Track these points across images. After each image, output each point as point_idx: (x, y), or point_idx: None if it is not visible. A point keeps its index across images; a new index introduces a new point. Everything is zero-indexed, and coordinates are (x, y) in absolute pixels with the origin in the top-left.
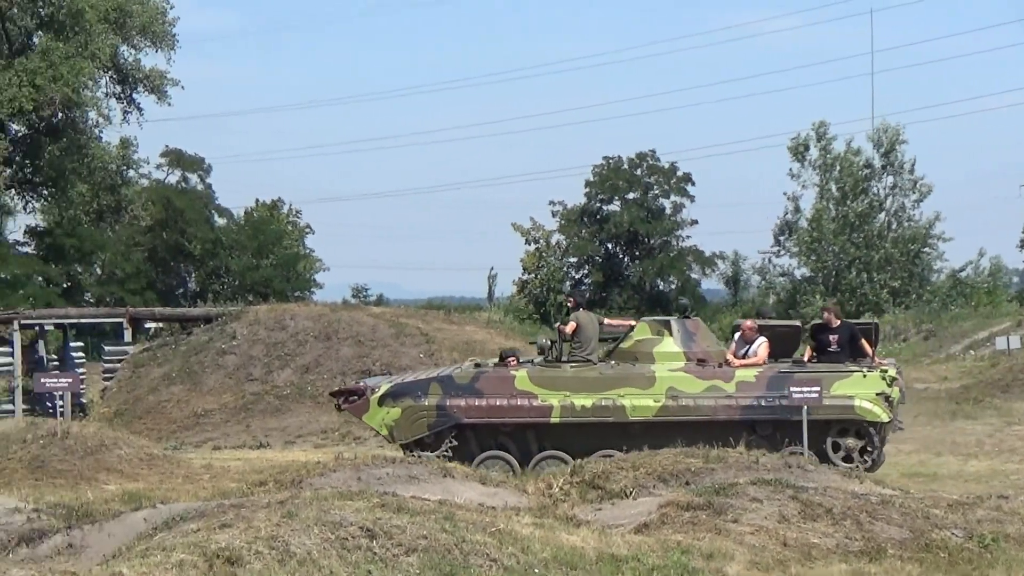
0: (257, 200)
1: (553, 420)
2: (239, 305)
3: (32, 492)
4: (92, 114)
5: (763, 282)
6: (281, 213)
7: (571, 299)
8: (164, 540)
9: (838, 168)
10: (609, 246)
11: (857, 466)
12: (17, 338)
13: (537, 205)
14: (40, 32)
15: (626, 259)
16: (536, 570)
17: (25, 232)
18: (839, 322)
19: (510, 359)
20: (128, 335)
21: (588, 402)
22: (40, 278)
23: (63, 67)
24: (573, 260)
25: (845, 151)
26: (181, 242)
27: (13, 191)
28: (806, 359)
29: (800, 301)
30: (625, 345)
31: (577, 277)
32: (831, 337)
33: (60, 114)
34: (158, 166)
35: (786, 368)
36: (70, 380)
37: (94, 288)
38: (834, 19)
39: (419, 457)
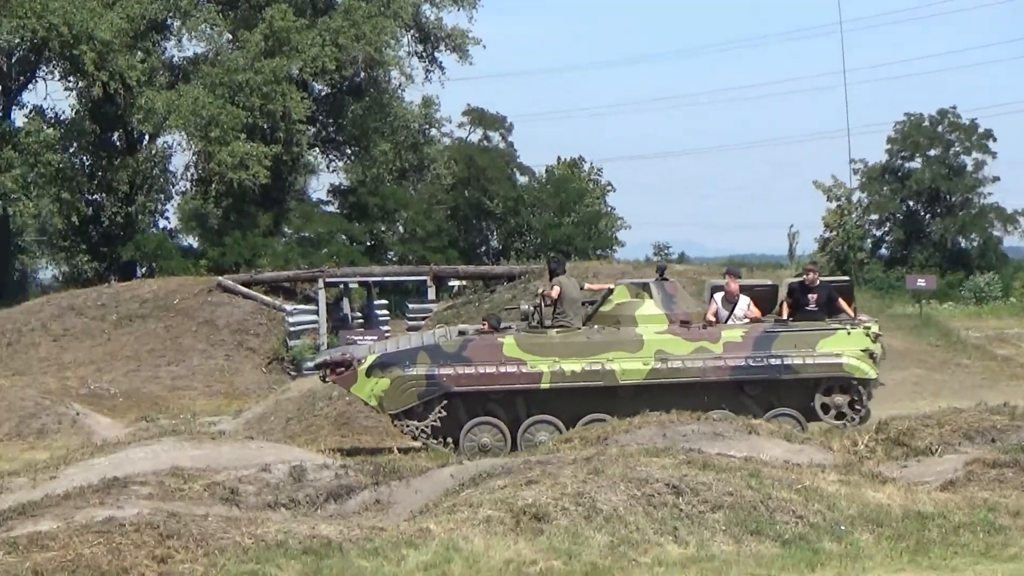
0: (558, 158)
1: (543, 386)
2: (541, 263)
3: (339, 448)
4: (394, 73)
5: None
6: (582, 171)
7: (550, 265)
8: (471, 496)
9: None
10: (910, 203)
11: (847, 423)
12: (322, 296)
13: (838, 163)
14: None
15: (927, 216)
16: (842, 527)
17: (329, 191)
18: (819, 282)
19: (484, 322)
20: (431, 293)
21: (578, 367)
22: (344, 236)
23: (365, 26)
24: (874, 218)
25: None
26: (483, 200)
27: (317, 150)
28: (783, 318)
29: None
30: (605, 309)
31: (878, 235)
32: (810, 296)
33: (363, 73)
34: (460, 125)
35: (772, 328)
36: (375, 337)
37: (397, 246)
38: None
39: (407, 427)
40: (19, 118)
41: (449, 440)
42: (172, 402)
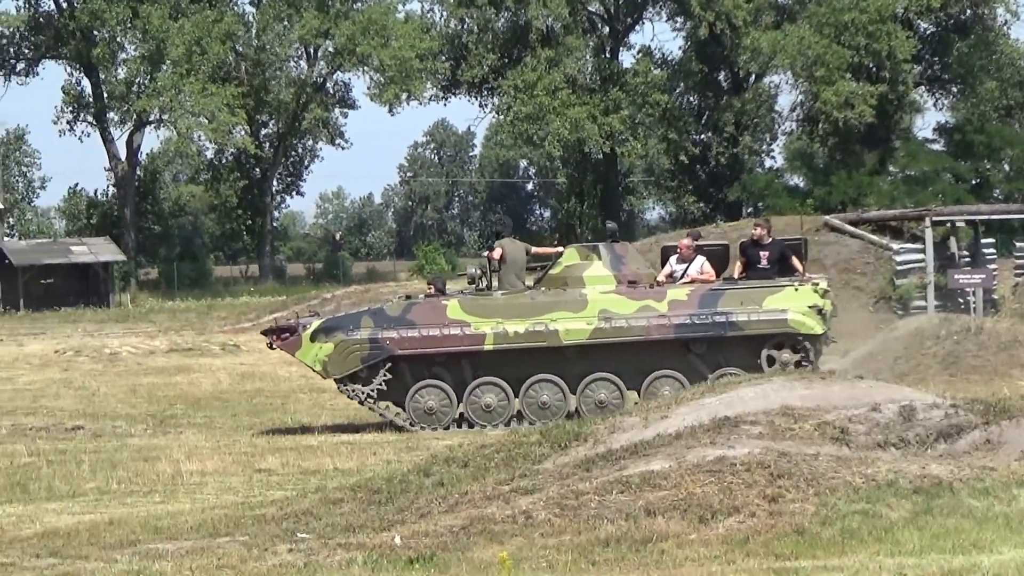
0: None
1: (487, 347)
2: None
3: (947, 388)
4: (1000, 10)
5: None
6: None
7: (496, 227)
8: None
9: None
10: None
11: None
12: (929, 235)
13: None
14: None
15: None
16: None
17: (934, 129)
18: (770, 239)
19: (431, 285)
20: None
21: (521, 328)
22: (949, 175)
23: None
24: None
25: None
26: None
27: (923, 88)
28: (736, 277)
29: None
30: (555, 271)
31: None
32: (761, 253)
33: (968, 11)
34: None
35: (718, 286)
36: (983, 276)
37: (1003, 184)
38: None
39: (351, 392)
40: (627, 59)
41: (390, 404)
42: None
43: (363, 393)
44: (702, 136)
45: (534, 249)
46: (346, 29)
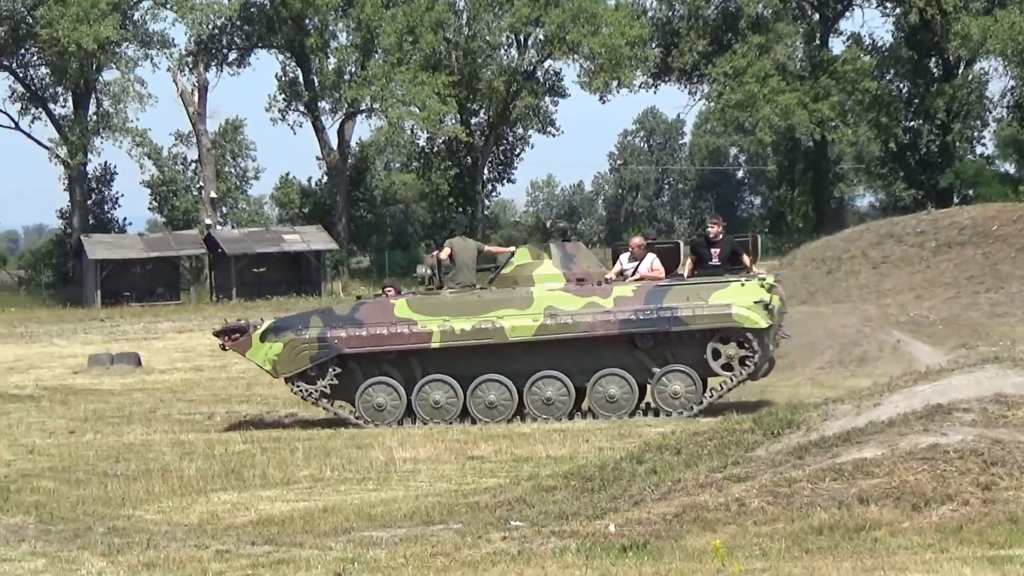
0: None
1: (434, 345)
2: None
3: None
4: None
5: None
6: None
7: (450, 225)
8: None
9: None
10: None
11: (738, 374)
12: None
13: None
14: None
15: None
16: None
17: None
18: (722, 236)
19: (388, 288)
20: None
21: (468, 325)
22: None
23: None
24: None
25: None
26: None
27: None
28: (687, 275)
29: None
30: (506, 271)
31: None
32: (713, 251)
33: None
34: None
35: (665, 282)
36: None
37: None
38: None
39: (301, 391)
40: (836, 45)
41: (342, 404)
42: (991, 329)
43: (314, 391)
44: (912, 123)
45: (486, 248)
46: (556, 17)
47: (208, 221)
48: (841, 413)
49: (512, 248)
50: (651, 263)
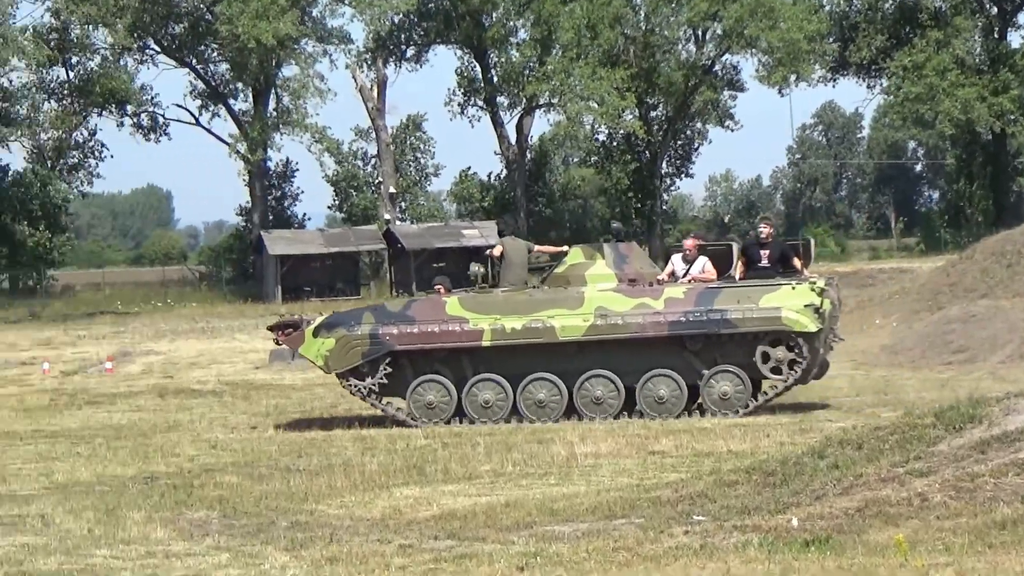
0: None
1: (484, 343)
2: None
3: None
4: None
5: None
6: None
7: (498, 225)
8: None
9: None
10: None
11: (787, 378)
12: None
13: None
14: None
15: None
16: None
17: None
18: (772, 239)
19: (438, 286)
20: None
21: (518, 324)
22: None
23: None
24: None
25: None
26: None
27: None
28: (738, 277)
29: None
30: (559, 270)
31: None
32: (762, 252)
33: None
34: None
35: (716, 284)
36: None
37: None
38: None
39: (352, 387)
40: (1015, 39)
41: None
42: None
43: (364, 388)
44: None
45: (536, 247)
46: (734, 11)
47: (387, 217)
48: (1023, 408)
49: (565, 247)
50: (703, 265)
